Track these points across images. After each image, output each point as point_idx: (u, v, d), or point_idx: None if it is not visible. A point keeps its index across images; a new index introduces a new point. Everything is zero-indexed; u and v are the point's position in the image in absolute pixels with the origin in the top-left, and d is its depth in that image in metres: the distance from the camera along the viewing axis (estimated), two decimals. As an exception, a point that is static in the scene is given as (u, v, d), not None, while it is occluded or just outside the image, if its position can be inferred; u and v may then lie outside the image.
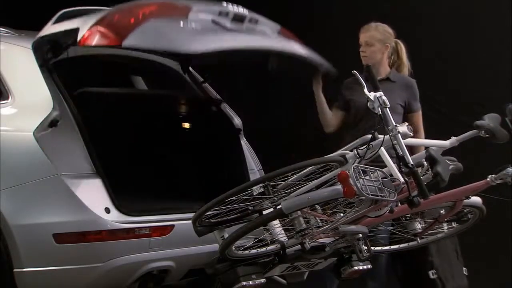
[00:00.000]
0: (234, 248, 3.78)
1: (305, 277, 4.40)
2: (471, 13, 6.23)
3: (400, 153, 3.56)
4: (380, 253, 4.52)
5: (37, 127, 4.04)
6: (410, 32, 6.40)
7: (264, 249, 3.87)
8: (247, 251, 3.86)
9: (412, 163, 3.55)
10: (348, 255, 4.21)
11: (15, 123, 4.16)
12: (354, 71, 4.01)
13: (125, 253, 4.10)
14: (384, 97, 3.64)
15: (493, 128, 3.98)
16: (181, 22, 4.02)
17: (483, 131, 3.99)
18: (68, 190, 4.01)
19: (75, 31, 3.94)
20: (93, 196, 4.08)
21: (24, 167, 4.07)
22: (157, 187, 4.89)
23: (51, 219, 4.00)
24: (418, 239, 4.24)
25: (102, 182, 4.14)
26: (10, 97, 4.22)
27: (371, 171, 3.48)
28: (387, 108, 3.63)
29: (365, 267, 4.24)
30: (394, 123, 3.63)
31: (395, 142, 3.59)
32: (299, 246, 3.81)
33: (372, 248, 4.07)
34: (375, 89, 3.69)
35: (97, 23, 3.90)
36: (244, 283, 3.79)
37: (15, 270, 4.01)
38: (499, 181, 3.95)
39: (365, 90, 3.68)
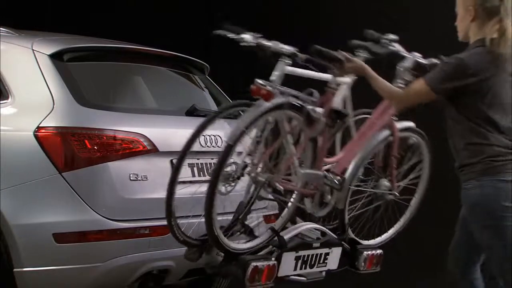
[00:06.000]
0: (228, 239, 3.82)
1: (323, 274, 4.33)
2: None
3: None
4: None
5: (37, 127, 4.05)
6: (410, 33, 6.41)
7: (259, 240, 3.94)
8: (243, 245, 3.91)
9: None
10: (347, 254, 4.26)
11: (15, 123, 4.16)
12: None
13: (125, 252, 4.10)
14: None
15: None
16: None
17: None
18: (68, 189, 4.02)
19: None
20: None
21: (24, 167, 4.07)
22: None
23: (51, 218, 4.00)
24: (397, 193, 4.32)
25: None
26: (10, 97, 4.22)
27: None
28: None
29: (374, 252, 4.34)
30: None
31: None
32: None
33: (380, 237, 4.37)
34: None
35: None
36: (254, 263, 3.81)
37: (15, 270, 4.01)
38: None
39: None
